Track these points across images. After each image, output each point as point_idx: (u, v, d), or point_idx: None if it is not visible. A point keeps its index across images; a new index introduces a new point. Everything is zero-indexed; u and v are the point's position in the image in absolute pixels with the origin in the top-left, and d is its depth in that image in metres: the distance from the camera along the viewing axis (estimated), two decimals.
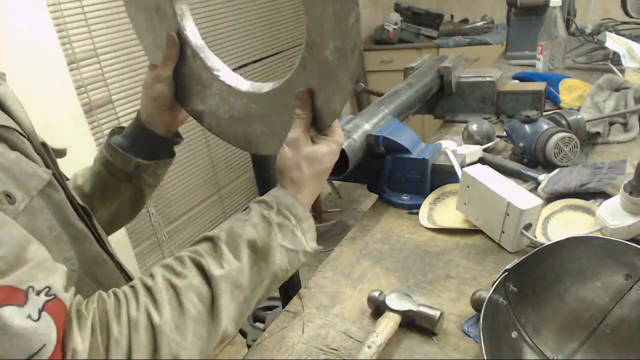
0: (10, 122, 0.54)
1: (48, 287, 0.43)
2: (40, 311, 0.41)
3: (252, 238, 0.54)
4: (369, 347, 0.63)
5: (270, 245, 0.55)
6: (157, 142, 0.80)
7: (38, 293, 0.42)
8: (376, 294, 0.70)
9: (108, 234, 0.83)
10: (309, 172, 0.61)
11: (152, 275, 0.51)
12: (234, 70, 0.75)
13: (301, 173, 0.60)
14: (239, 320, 0.54)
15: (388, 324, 0.66)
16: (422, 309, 0.66)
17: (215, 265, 0.52)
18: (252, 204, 0.60)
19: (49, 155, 0.61)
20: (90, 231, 0.61)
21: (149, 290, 0.49)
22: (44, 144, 0.61)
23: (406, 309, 0.67)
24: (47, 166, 0.58)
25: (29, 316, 0.40)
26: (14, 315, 0.39)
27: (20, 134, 0.55)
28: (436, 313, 0.65)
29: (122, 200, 0.82)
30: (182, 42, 0.74)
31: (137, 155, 0.78)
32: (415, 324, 0.67)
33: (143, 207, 0.88)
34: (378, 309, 0.70)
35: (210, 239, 0.55)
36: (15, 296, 0.40)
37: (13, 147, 0.53)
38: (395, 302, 0.68)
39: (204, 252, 0.53)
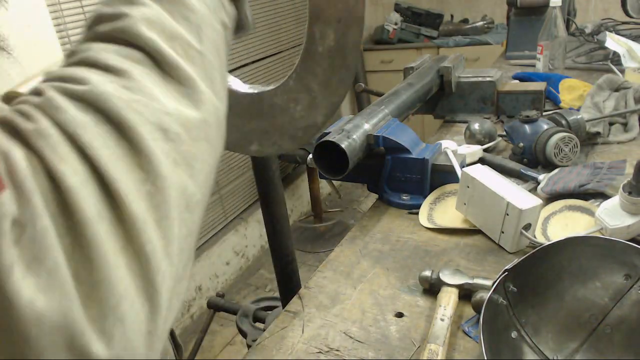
0: None
1: None
2: None
3: None
4: (442, 319, 0.64)
5: None
6: None
7: None
8: (428, 273, 0.73)
9: None
10: None
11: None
12: (234, 70, 0.75)
13: None
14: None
15: (451, 297, 0.68)
16: (477, 280, 0.69)
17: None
18: None
19: None
20: None
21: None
22: None
23: (462, 282, 0.70)
24: None
25: None
26: None
27: None
28: (491, 282, 0.68)
29: None
30: None
31: None
32: (471, 296, 0.70)
33: None
34: (432, 286, 0.72)
35: None
36: None
37: None
38: (449, 277, 0.71)
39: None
